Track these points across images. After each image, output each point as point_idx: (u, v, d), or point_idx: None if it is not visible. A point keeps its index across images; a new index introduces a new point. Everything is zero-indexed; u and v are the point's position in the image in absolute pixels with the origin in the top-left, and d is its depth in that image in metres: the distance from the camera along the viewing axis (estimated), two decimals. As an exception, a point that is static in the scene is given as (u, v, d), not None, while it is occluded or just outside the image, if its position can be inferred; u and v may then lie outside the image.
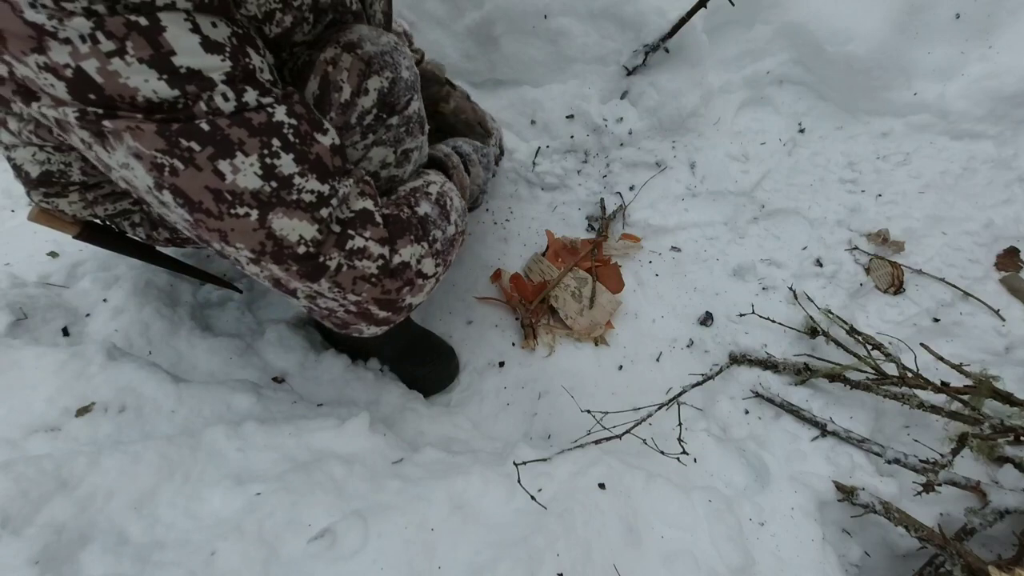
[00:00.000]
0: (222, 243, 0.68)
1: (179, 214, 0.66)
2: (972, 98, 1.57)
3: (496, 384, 1.33)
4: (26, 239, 1.36)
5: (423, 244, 0.84)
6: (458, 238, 0.94)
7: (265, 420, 0.99)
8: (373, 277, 0.77)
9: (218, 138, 0.61)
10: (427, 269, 0.85)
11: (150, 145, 0.60)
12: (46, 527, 0.76)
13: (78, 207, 0.94)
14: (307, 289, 0.75)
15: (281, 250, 0.69)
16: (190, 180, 0.62)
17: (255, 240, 0.68)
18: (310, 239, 0.70)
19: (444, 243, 0.89)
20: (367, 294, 0.78)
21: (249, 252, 0.69)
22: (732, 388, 1.31)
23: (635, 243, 1.53)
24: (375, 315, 0.83)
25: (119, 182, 0.70)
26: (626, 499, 0.97)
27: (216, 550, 0.78)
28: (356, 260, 0.75)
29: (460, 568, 0.81)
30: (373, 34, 0.82)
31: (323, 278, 0.74)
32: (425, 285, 0.85)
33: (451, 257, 0.92)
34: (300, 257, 0.71)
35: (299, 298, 0.78)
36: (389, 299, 0.81)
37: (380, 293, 0.79)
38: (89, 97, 0.56)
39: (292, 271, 0.72)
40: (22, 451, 0.86)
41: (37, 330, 1.11)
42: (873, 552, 1.12)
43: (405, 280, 0.81)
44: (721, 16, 1.59)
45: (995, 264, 1.48)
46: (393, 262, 0.79)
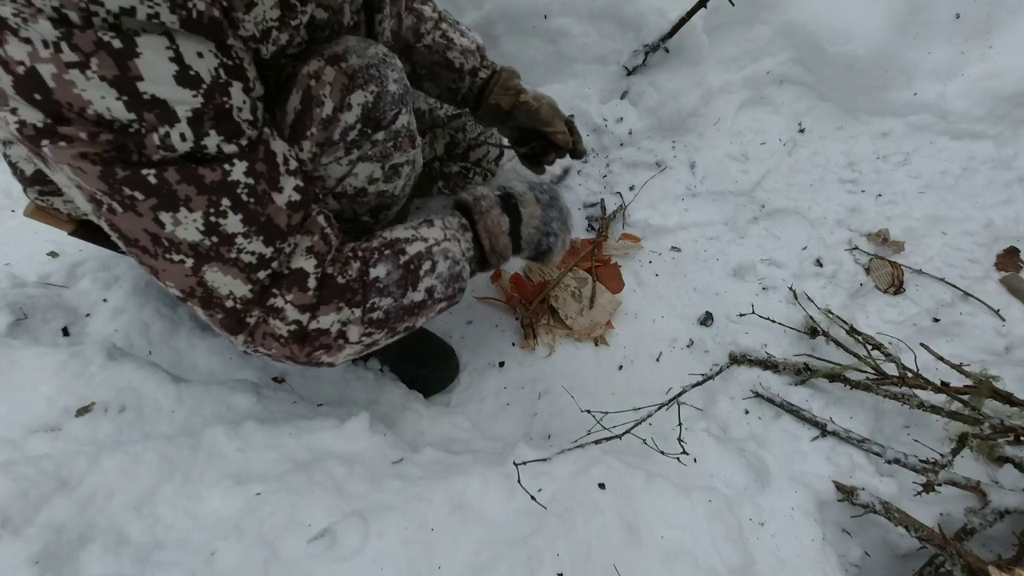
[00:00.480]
0: (152, 275, 0.68)
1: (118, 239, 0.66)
2: (972, 98, 1.57)
3: (496, 384, 1.33)
4: (26, 239, 1.36)
5: (354, 310, 0.78)
6: (428, 305, 0.86)
7: (265, 420, 0.99)
8: (282, 339, 0.75)
9: (164, 191, 0.59)
10: (351, 335, 0.79)
11: (91, 184, 0.58)
12: (46, 527, 0.76)
13: (72, 206, 0.94)
14: (225, 335, 0.75)
15: (210, 298, 0.69)
16: (129, 222, 0.61)
17: (186, 284, 0.67)
18: (239, 296, 0.70)
19: (392, 312, 0.82)
20: (276, 351, 0.76)
21: (178, 291, 0.69)
22: (732, 388, 1.31)
23: (635, 243, 1.53)
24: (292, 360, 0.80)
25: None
26: (626, 499, 0.97)
27: (216, 550, 0.78)
28: (271, 318, 0.73)
29: (460, 568, 0.81)
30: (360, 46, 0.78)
31: (242, 333, 0.74)
32: (345, 348, 0.80)
33: (401, 325, 0.84)
34: (227, 310, 0.70)
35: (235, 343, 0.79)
36: (298, 358, 0.79)
37: (287, 355, 0.77)
38: (34, 97, 0.53)
39: (216, 319, 0.72)
40: (22, 451, 0.86)
41: (37, 330, 1.11)
42: (873, 552, 1.12)
43: (318, 345, 0.78)
44: (721, 16, 1.59)
45: (995, 264, 1.48)
46: (308, 328, 0.76)
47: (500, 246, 0.94)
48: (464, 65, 1.14)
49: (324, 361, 0.80)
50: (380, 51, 0.80)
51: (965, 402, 1.16)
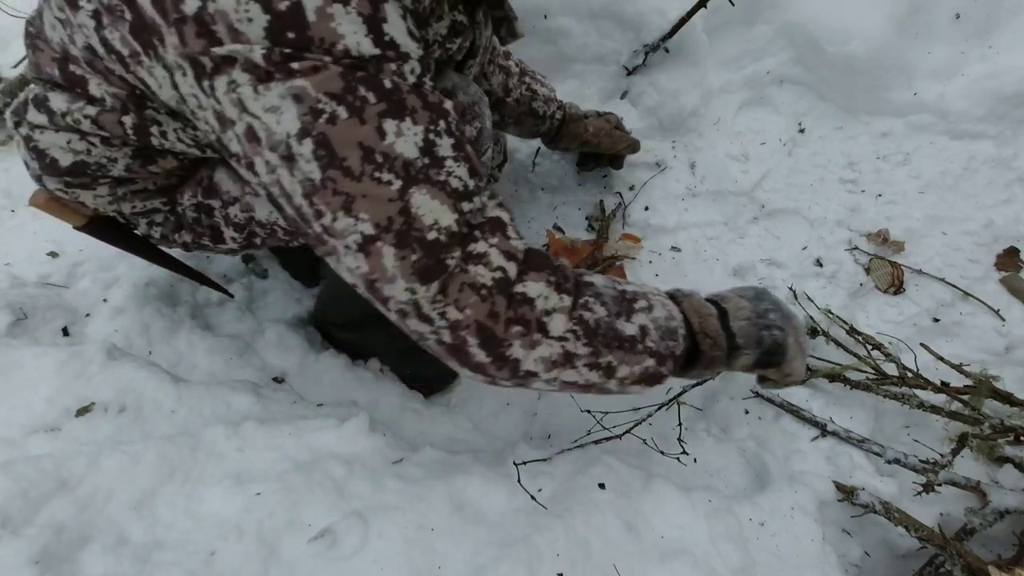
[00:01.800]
0: (336, 213, 0.60)
1: (301, 173, 0.60)
2: (972, 98, 1.57)
3: (496, 384, 1.33)
4: (26, 239, 1.36)
5: (563, 296, 0.69)
6: (638, 349, 0.72)
7: (265, 420, 0.99)
8: (484, 289, 0.65)
9: (395, 98, 0.59)
10: (554, 326, 0.68)
11: (323, 87, 0.57)
12: (46, 527, 0.76)
13: (103, 201, 0.90)
14: (406, 296, 0.64)
15: (409, 231, 0.61)
16: (345, 131, 0.58)
17: (384, 213, 0.60)
18: (445, 227, 0.63)
19: (602, 326, 0.70)
20: (471, 311, 0.64)
21: (369, 227, 0.61)
22: (732, 388, 1.31)
23: (635, 243, 1.52)
24: (470, 354, 0.67)
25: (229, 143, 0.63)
26: (626, 499, 0.97)
27: (216, 550, 0.78)
28: (471, 264, 0.65)
29: (460, 568, 0.81)
30: (463, 83, 0.83)
31: (437, 280, 0.63)
32: (541, 344, 0.67)
33: (604, 355, 0.71)
34: (427, 244, 0.62)
35: (389, 309, 0.67)
36: (492, 332, 0.66)
37: (486, 315, 0.65)
38: (286, 36, 0.55)
39: (408, 261, 0.62)
40: (22, 451, 0.86)
41: (37, 330, 1.11)
42: (873, 552, 1.12)
43: (519, 316, 0.66)
44: (721, 16, 1.59)
45: (995, 264, 1.48)
46: (514, 286, 0.67)
47: (711, 329, 0.80)
48: (546, 112, 1.33)
49: (511, 351, 0.67)
50: (477, 90, 0.85)
51: (965, 402, 1.16)
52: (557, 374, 0.70)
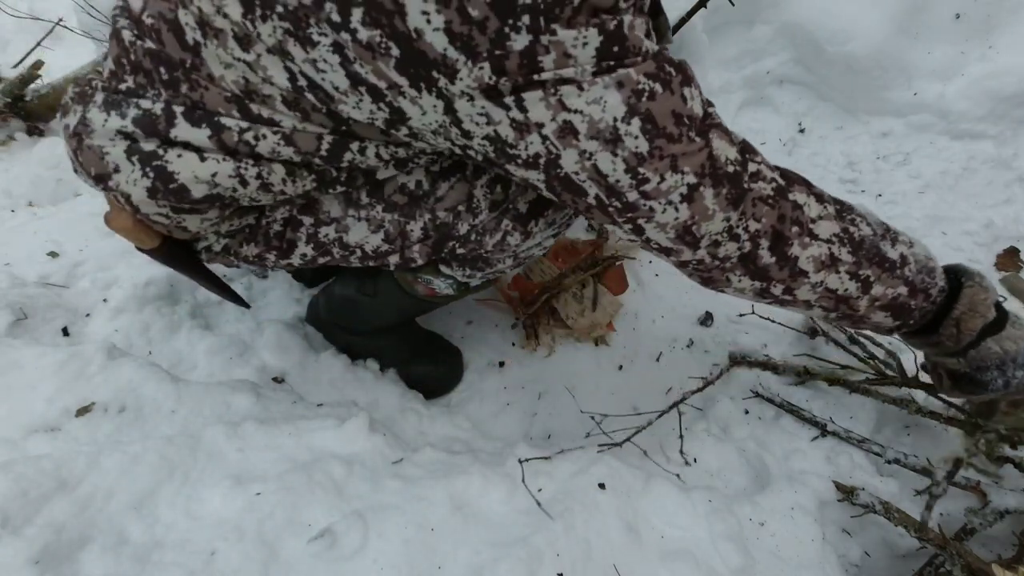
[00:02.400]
0: (664, 174, 0.67)
1: (626, 151, 0.65)
2: (972, 98, 1.57)
3: (496, 384, 1.33)
4: (26, 239, 1.36)
5: (825, 205, 0.77)
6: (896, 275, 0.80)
7: (265, 420, 0.99)
8: (770, 199, 0.74)
9: (679, 67, 0.66)
10: (822, 231, 0.76)
11: (642, 70, 0.63)
12: (46, 527, 0.76)
13: (207, 224, 0.84)
14: (723, 225, 0.72)
15: (716, 171, 0.70)
16: (664, 103, 0.64)
17: (699, 162, 0.68)
18: (734, 159, 0.71)
19: (868, 243, 0.78)
20: (767, 219, 0.74)
21: (692, 177, 0.68)
22: (732, 388, 1.31)
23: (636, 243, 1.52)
24: (759, 257, 0.75)
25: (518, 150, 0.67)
26: (626, 498, 0.97)
27: (216, 550, 0.78)
28: (753, 182, 0.73)
29: (460, 568, 0.81)
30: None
31: (743, 203, 0.72)
32: (811, 245, 0.75)
33: (864, 270, 0.78)
34: (730, 176, 0.71)
35: (699, 247, 0.74)
36: (781, 233, 0.74)
37: (776, 219, 0.74)
38: (612, 51, 0.61)
39: (722, 195, 0.70)
40: (22, 451, 0.86)
41: (37, 330, 1.11)
42: (873, 552, 1.12)
43: (794, 219, 0.75)
44: (721, 16, 1.59)
45: (995, 264, 1.48)
46: (787, 193, 0.75)
47: (966, 323, 0.83)
48: None
49: (793, 251, 0.75)
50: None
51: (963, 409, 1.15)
52: (823, 276, 0.77)
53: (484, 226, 0.89)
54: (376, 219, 0.88)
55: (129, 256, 1.29)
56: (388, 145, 0.75)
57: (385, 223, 0.88)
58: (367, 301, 1.18)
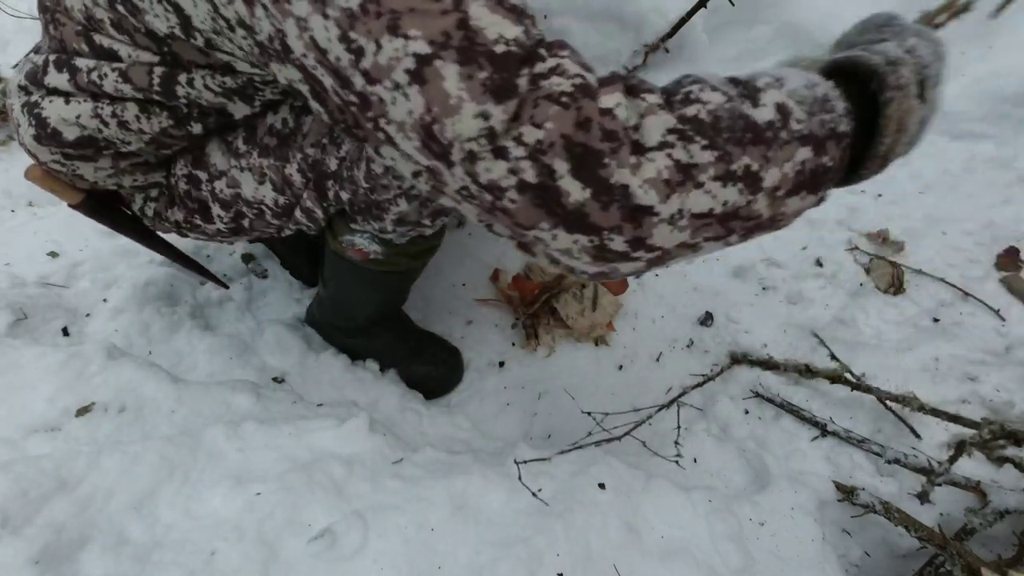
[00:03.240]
0: (380, 39, 0.51)
1: (335, 9, 0.51)
2: (972, 98, 1.57)
3: (496, 384, 1.33)
4: (26, 239, 1.36)
5: (649, 97, 0.55)
6: (782, 136, 0.54)
7: (265, 420, 0.99)
8: (566, 96, 0.51)
9: None
10: (650, 130, 0.53)
11: None
12: (46, 527, 0.76)
13: (103, 174, 0.87)
14: (477, 125, 0.51)
15: (472, 47, 0.50)
16: None
17: (438, 27, 0.50)
18: (513, 38, 0.51)
19: (722, 114, 0.53)
20: (553, 124, 0.51)
21: (423, 44, 0.50)
22: (732, 388, 1.31)
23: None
24: (562, 191, 0.52)
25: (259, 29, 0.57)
26: (626, 498, 0.97)
27: (216, 550, 0.78)
28: (543, 80, 0.52)
29: (460, 568, 0.81)
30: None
31: (514, 97, 0.51)
32: (642, 164, 0.52)
33: (739, 152, 0.53)
34: (497, 58, 0.51)
35: (452, 161, 0.53)
36: (585, 145, 0.51)
37: (573, 124, 0.51)
38: None
39: (477, 79, 0.50)
40: (22, 451, 0.86)
41: (37, 330, 1.11)
42: (873, 552, 1.12)
43: (604, 128, 0.51)
44: (721, 16, 1.59)
45: (995, 264, 1.47)
46: (596, 92, 0.53)
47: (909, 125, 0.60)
48: None
49: (616, 176, 0.52)
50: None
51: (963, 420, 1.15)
52: (679, 202, 0.53)
53: (350, 157, 0.84)
54: (256, 167, 0.88)
55: (129, 256, 1.29)
56: (214, 74, 0.74)
57: (265, 170, 0.88)
58: (333, 290, 1.18)
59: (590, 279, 0.61)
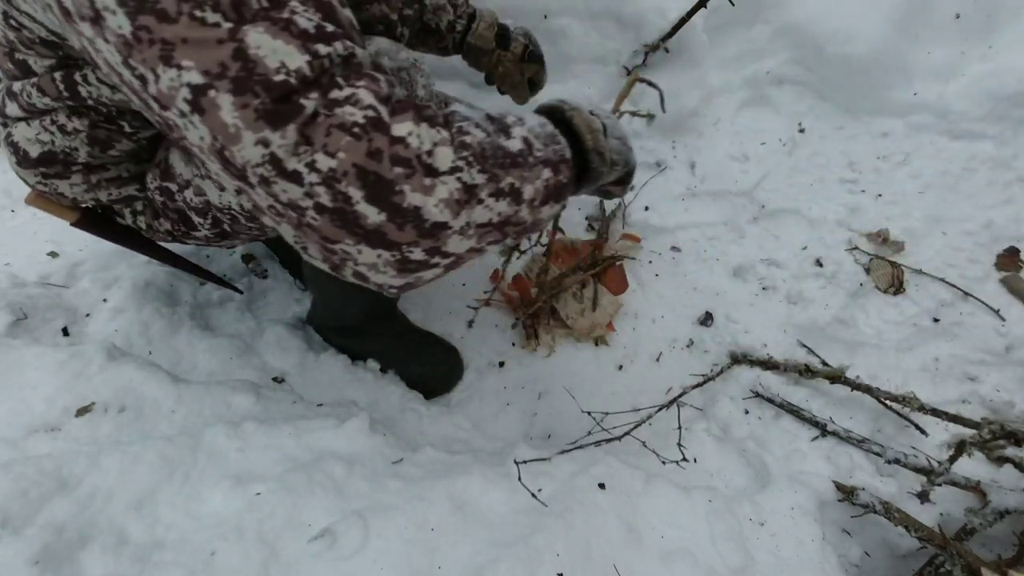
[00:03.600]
0: (156, 68, 0.51)
1: (112, 33, 0.51)
2: (972, 98, 1.57)
3: (496, 384, 1.33)
4: (26, 239, 1.36)
5: (438, 129, 0.59)
6: (530, 163, 0.66)
7: (265, 420, 0.99)
8: (357, 127, 0.54)
9: None
10: (440, 159, 0.58)
11: None
12: (46, 527, 0.76)
13: (79, 190, 0.91)
14: (259, 152, 0.53)
15: (249, 76, 0.50)
16: None
17: (213, 57, 0.50)
18: (295, 69, 0.52)
19: (488, 149, 0.62)
20: (345, 154, 0.53)
21: (196, 75, 0.50)
22: (732, 388, 1.31)
23: (635, 243, 1.52)
24: (360, 215, 0.56)
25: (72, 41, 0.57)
26: (626, 498, 0.97)
27: (216, 550, 0.78)
28: (337, 107, 0.54)
29: (460, 568, 0.81)
30: (392, 48, 0.77)
31: (292, 123, 0.52)
32: (436, 186, 0.57)
33: (503, 176, 0.63)
34: (272, 85, 0.51)
35: (252, 184, 0.55)
36: (377, 174, 0.55)
37: (365, 155, 0.54)
38: None
39: (251, 107, 0.51)
40: (22, 451, 0.86)
41: (37, 330, 1.11)
42: (873, 552, 1.12)
43: (397, 156, 0.55)
44: (721, 16, 1.59)
45: (995, 264, 1.48)
46: (388, 126, 0.56)
47: (601, 145, 0.75)
48: (440, 24, 1.10)
49: (405, 199, 0.56)
50: (411, 56, 0.78)
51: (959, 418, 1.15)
52: (467, 216, 0.61)
53: None
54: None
55: (129, 256, 1.29)
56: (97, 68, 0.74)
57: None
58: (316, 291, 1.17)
59: (397, 291, 0.67)
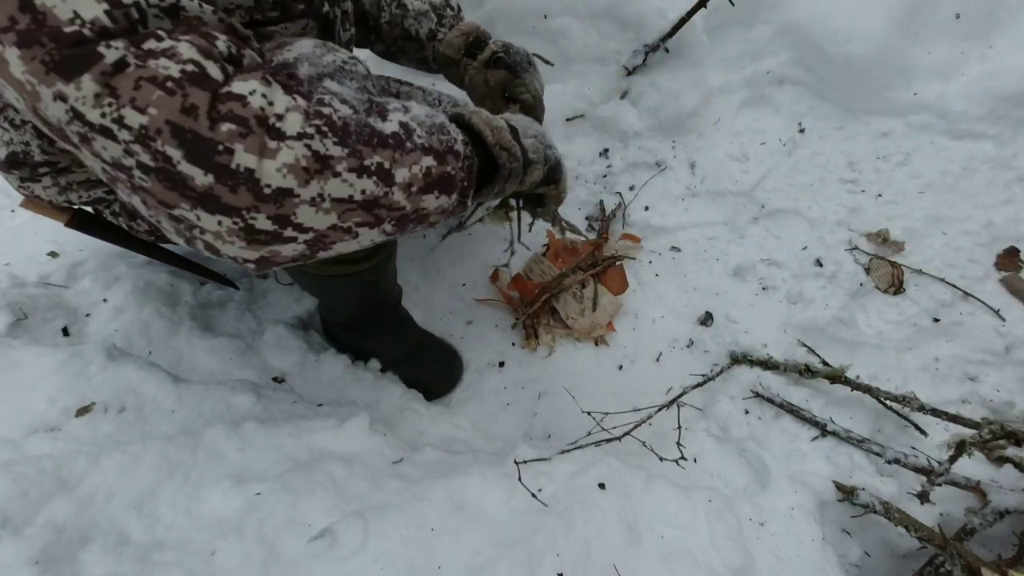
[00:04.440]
0: None
1: None
2: (972, 98, 1.57)
3: (496, 384, 1.33)
4: (26, 239, 1.36)
5: (294, 97, 0.56)
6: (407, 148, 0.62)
7: (265, 420, 0.99)
8: (171, 81, 0.50)
9: None
10: (289, 126, 0.54)
11: None
12: (46, 527, 0.76)
13: (52, 192, 0.93)
14: (60, 107, 0.50)
15: (39, 28, 0.48)
16: None
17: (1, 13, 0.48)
18: (90, 19, 0.48)
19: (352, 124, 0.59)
20: (156, 109, 0.49)
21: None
22: (732, 388, 1.31)
23: (635, 243, 1.52)
24: (184, 177, 0.52)
25: None
26: (626, 499, 0.97)
27: (216, 550, 0.78)
28: (151, 59, 0.50)
29: (460, 568, 0.81)
30: (316, 52, 0.70)
31: (87, 73, 0.48)
32: (280, 149, 0.53)
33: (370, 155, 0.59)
34: (63, 37, 0.48)
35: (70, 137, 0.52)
36: (195, 131, 0.50)
37: (178, 111, 0.50)
38: None
39: (38, 59, 0.48)
40: (22, 451, 0.86)
41: (37, 330, 1.11)
42: (873, 552, 1.12)
43: (227, 112, 0.51)
44: (721, 16, 1.59)
45: (995, 264, 1.47)
46: (218, 85, 0.52)
47: (506, 141, 0.75)
48: (420, 31, 1.05)
49: (238, 160, 0.52)
50: (339, 57, 0.71)
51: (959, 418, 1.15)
52: (320, 187, 0.56)
53: None
54: None
55: (129, 256, 1.29)
56: None
57: None
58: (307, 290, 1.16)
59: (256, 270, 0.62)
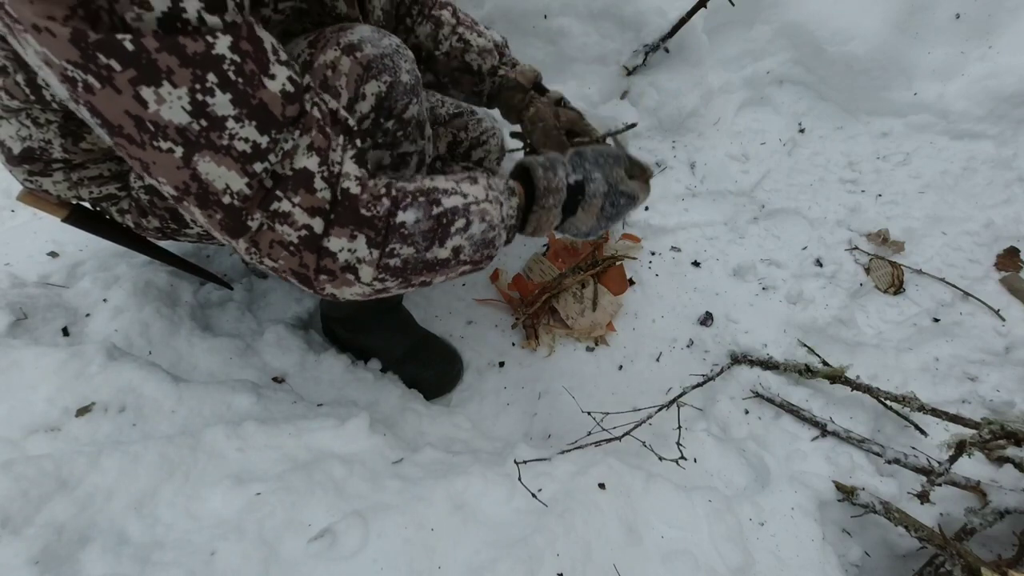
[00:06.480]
0: (144, 173, 0.62)
1: (102, 134, 0.60)
2: (972, 98, 1.57)
3: (496, 384, 1.33)
4: (26, 239, 1.36)
5: (372, 250, 0.71)
6: (452, 265, 0.79)
7: (265, 420, 0.99)
8: (292, 246, 0.68)
9: (142, 61, 0.53)
10: (363, 275, 0.73)
11: (62, 53, 0.52)
12: (46, 527, 0.76)
13: (63, 187, 0.93)
14: (228, 240, 0.69)
15: (206, 195, 0.62)
16: (108, 101, 0.55)
17: (179, 179, 0.61)
18: (237, 191, 0.63)
19: (411, 263, 0.75)
20: (283, 263, 0.69)
21: (172, 189, 0.63)
22: (732, 388, 1.31)
23: (635, 243, 1.52)
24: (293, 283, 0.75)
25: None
26: (626, 499, 0.97)
27: (216, 550, 0.78)
28: (278, 223, 0.66)
29: (460, 568, 0.81)
30: (375, 36, 0.80)
31: (242, 238, 0.67)
32: (353, 285, 0.74)
33: (417, 279, 0.78)
34: (225, 208, 0.64)
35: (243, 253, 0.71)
36: (306, 277, 0.71)
37: (298, 266, 0.70)
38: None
39: (215, 220, 0.65)
40: (22, 451, 0.86)
41: (37, 330, 1.11)
42: (873, 552, 1.12)
43: (324, 267, 0.70)
44: (721, 16, 1.59)
45: (995, 264, 1.48)
46: (321, 240, 0.69)
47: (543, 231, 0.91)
48: (483, 67, 1.14)
49: (325, 290, 0.74)
50: (394, 41, 0.82)
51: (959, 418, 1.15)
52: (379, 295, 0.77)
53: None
54: None
55: (129, 256, 1.29)
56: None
57: None
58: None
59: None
